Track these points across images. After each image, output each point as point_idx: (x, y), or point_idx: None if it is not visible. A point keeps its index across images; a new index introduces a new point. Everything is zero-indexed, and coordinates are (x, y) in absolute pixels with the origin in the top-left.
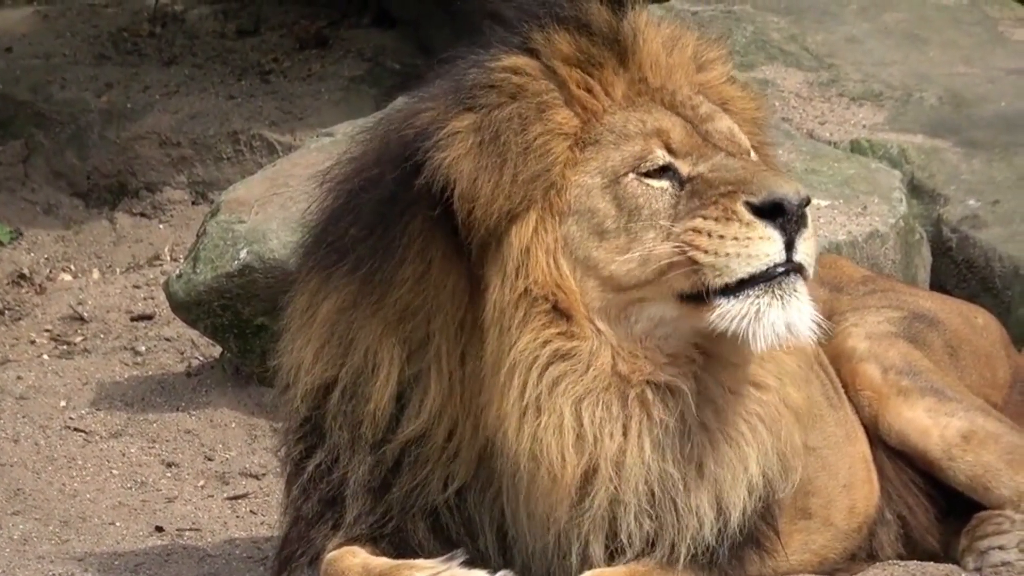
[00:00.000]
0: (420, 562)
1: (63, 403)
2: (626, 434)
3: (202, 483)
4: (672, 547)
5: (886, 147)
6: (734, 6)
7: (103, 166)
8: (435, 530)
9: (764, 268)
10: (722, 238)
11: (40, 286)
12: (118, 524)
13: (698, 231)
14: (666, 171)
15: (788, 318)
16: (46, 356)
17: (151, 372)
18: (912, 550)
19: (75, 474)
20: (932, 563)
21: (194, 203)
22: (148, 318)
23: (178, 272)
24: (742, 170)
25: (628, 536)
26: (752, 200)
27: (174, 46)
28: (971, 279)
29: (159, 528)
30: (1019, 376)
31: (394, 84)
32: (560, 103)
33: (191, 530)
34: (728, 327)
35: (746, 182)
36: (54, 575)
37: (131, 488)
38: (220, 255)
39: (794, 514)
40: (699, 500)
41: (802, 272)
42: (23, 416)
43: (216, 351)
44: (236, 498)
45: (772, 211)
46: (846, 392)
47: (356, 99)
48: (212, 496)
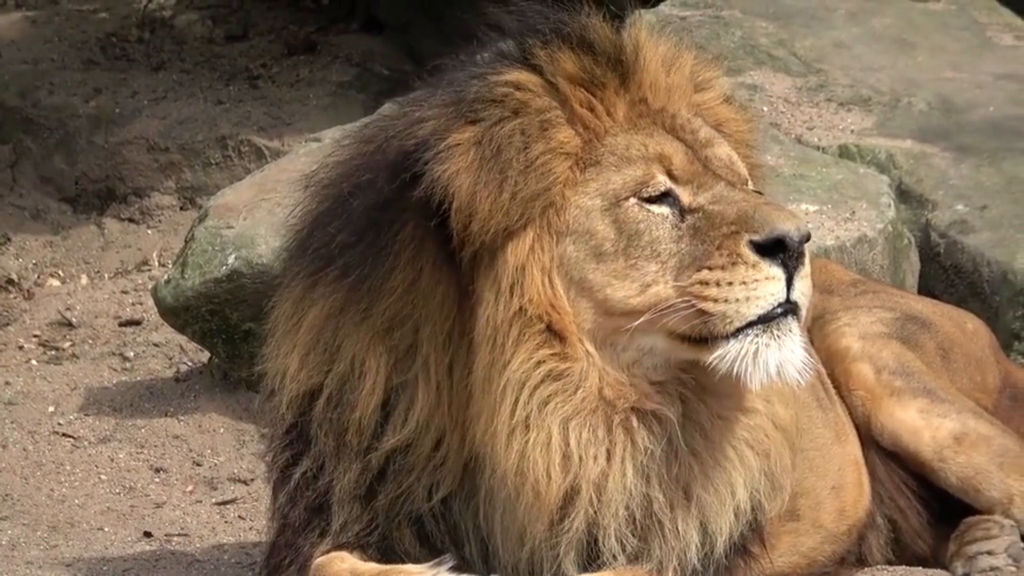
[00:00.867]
0: (408, 568)
1: (51, 408)
2: (609, 459)
3: (190, 488)
4: (660, 565)
5: (874, 152)
6: (722, 11)
7: (91, 171)
8: (421, 538)
9: (768, 309)
10: (730, 284)
11: (28, 291)
12: (106, 529)
13: (705, 283)
14: (667, 197)
15: (782, 358)
16: (34, 361)
17: (139, 377)
18: (902, 555)
19: (63, 479)
20: (920, 568)
21: (182, 208)
22: (136, 323)
23: (166, 277)
24: (744, 203)
25: (611, 556)
26: (755, 238)
27: (162, 51)
28: (959, 284)
29: (147, 533)
30: (1008, 381)
31: (382, 89)
32: (563, 122)
33: (179, 535)
34: (726, 367)
35: (748, 219)
36: None
37: (119, 493)
38: (208, 260)
39: (782, 516)
40: (686, 524)
41: (797, 312)
42: (11, 421)
43: (204, 356)
44: (224, 503)
45: (775, 248)
46: (839, 392)
47: (344, 104)
48: (200, 501)
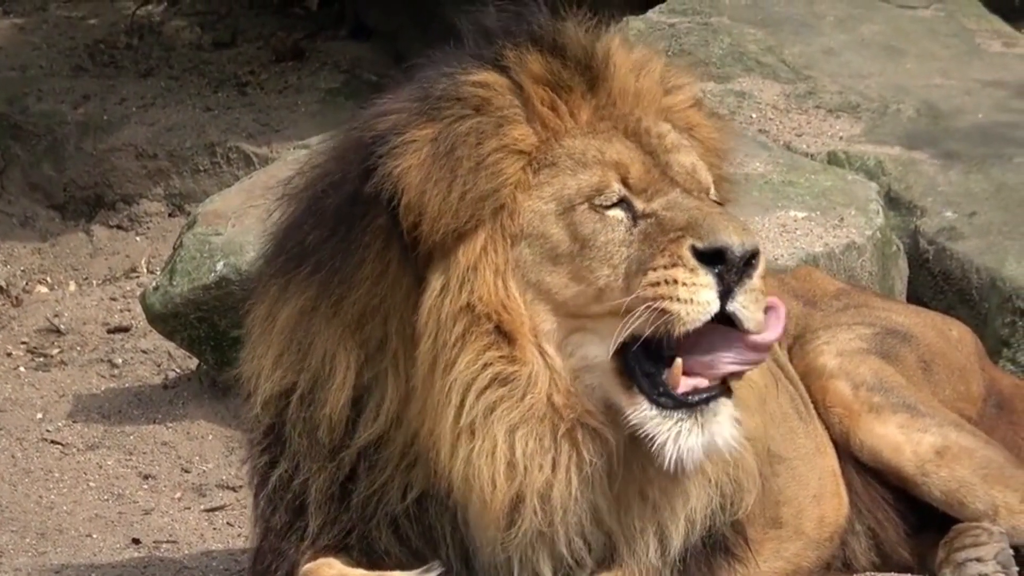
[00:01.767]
0: (396, 574)
1: (40, 415)
2: (555, 468)
3: (179, 495)
4: (625, 571)
5: (863, 159)
6: (711, 18)
7: (80, 178)
8: (400, 539)
9: (702, 319)
10: (675, 283)
11: (16, 298)
12: (95, 536)
13: (655, 283)
14: (620, 200)
15: (706, 446)
16: (23, 368)
17: (128, 384)
18: (885, 563)
19: (52, 486)
20: (909, 575)
21: (171, 215)
22: (125, 330)
23: (155, 284)
24: (695, 211)
25: (575, 562)
26: (697, 244)
27: (151, 58)
28: (948, 291)
29: (136, 540)
30: (993, 389)
31: (371, 96)
32: (520, 119)
33: (168, 542)
34: (644, 435)
35: (695, 225)
36: None
37: (108, 500)
38: (197, 267)
39: (765, 523)
40: (643, 528)
41: (727, 395)
42: (0, 429)
43: (193, 363)
44: (213, 510)
45: (714, 257)
46: (816, 409)
47: (333, 111)
48: (189, 508)
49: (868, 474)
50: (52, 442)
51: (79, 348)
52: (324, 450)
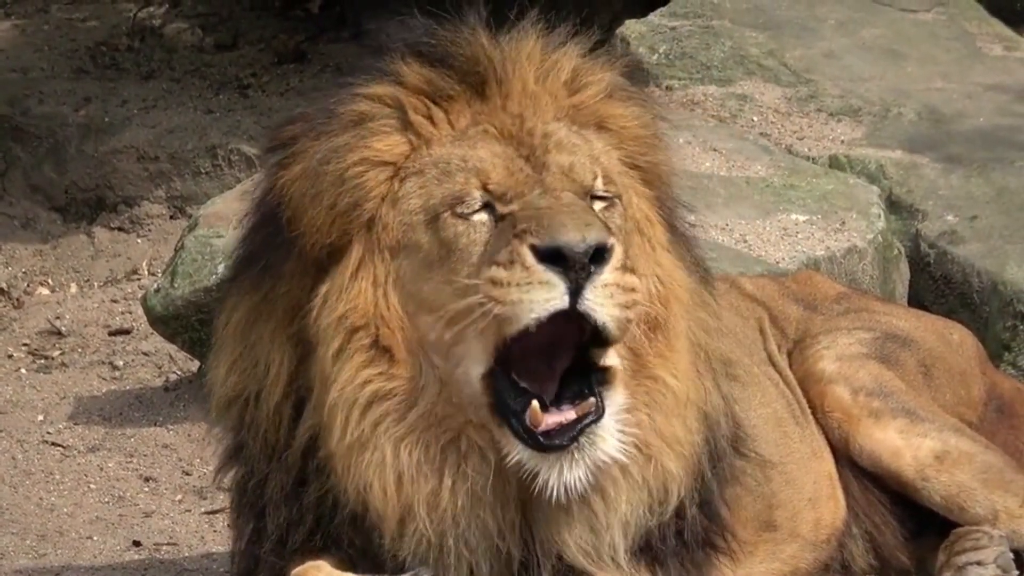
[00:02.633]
0: None
1: (40, 417)
2: (441, 478)
3: (180, 498)
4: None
5: (864, 163)
6: (712, 21)
7: (81, 180)
8: (361, 541)
9: (545, 314)
10: (509, 284)
11: (18, 300)
12: (95, 539)
13: (493, 281)
14: (483, 205)
15: (592, 470)
16: (24, 370)
17: (129, 386)
18: (884, 563)
19: (52, 488)
20: None
21: (172, 217)
22: (126, 332)
23: (156, 286)
24: (546, 209)
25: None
26: (535, 243)
27: (152, 60)
28: (949, 295)
29: (136, 543)
30: (994, 393)
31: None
32: (390, 129)
33: (168, 544)
34: (526, 470)
35: (537, 223)
36: None
37: (109, 502)
38: (198, 269)
39: (759, 526)
40: (574, 539)
41: (605, 371)
42: (0, 430)
43: (194, 366)
44: (214, 512)
45: (554, 256)
46: (814, 414)
47: None
48: (190, 511)
49: (866, 478)
50: (53, 444)
51: (80, 350)
52: (273, 451)
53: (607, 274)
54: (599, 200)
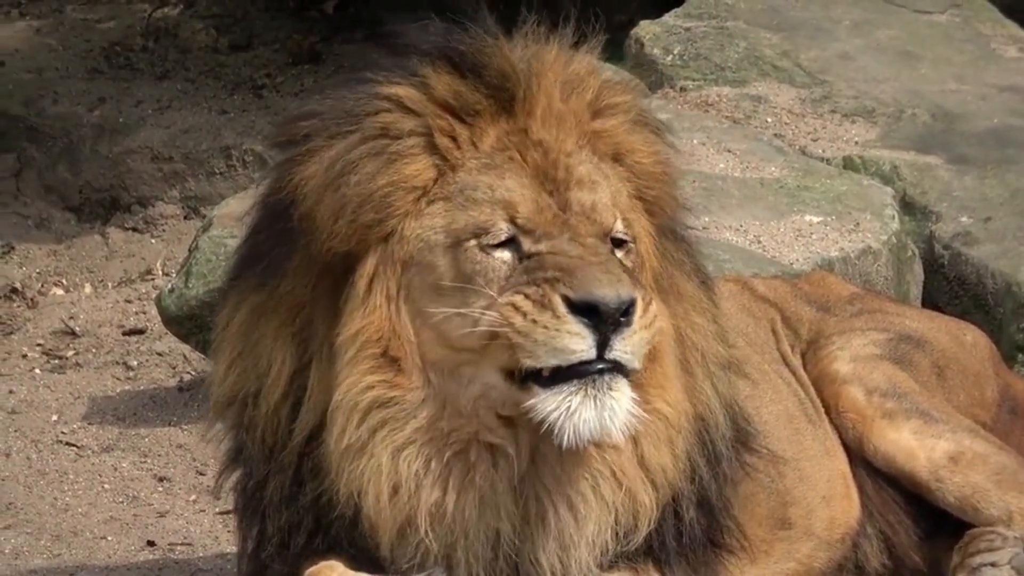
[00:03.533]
0: None
1: (55, 417)
2: (446, 490)
3: (194, 498)
4: None
5: (878, 164)
6: (727, 22)
7: (95, 180)
8: (360, 542)
9: (574, 363)
10: (535, 323)
11: (32, 300)
12: (110, 538)
13: (516, 308)
14: (509, 240)
15: (599, 417)
16: (38, 370)
17: (143, 386)
18: (898, 563)
19: (67, 488)
20: None
21: (186, 218)
22: (140, 332)
23: (170, 287)
24: (578, 259)
25: None
26: (569, 294)
27: (167, 61)
28: (963, 296)
29: (151, 543)
30: (1007, 394)
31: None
32: (418, 151)
33: (183, 544)
34: (541, 418)
35: (571, 275)
36: None
37: (123, 502)
38: (212, 270)
39: (773, 524)
40: (547, 553)
41: (623, 371)
42: (15, 430)
43: (208, 366)
44: (228, 513)
45: (587, 311)
46: (828, 415)
47: None
48: (204, 511)
49: (880, 478)
50: (67, 444)
51: (94, 350)
52: (271, 452)
53: (635, 323)
54: (617, 244)
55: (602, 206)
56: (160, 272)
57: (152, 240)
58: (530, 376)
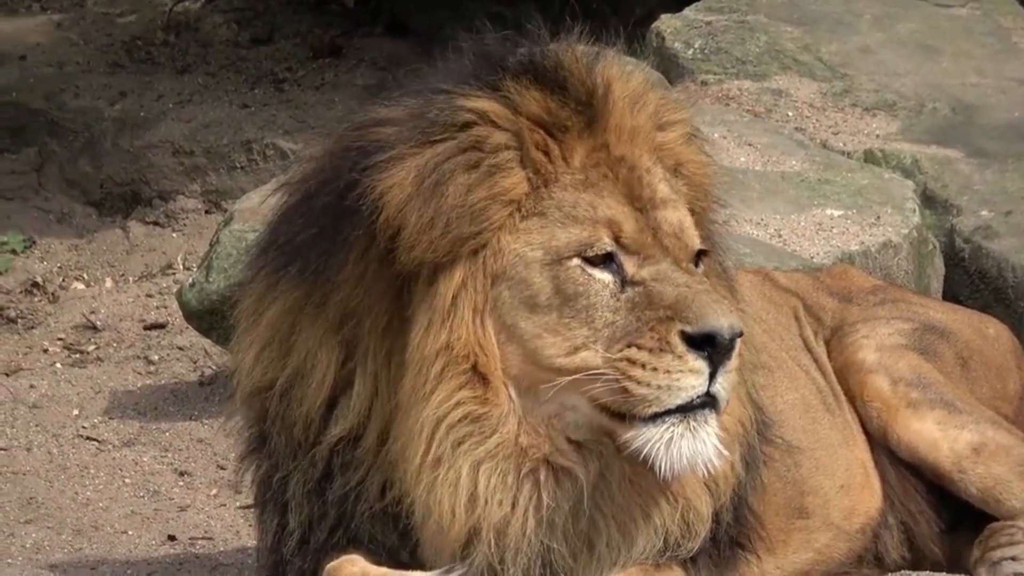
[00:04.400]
0: (419, 574)
1: (76, 412)
2: (514, 506)
3: (215, 492)
4: None
5: (899, 157)
6: (747, 16)
7: (116, 175)
8: (381, 537)
9: (687, 400)
10: (655, 370)
11: (53, 295)
12: (131, 533)
13: (632, 361)
14: (610, 261)
15: (694, 451)
16: (59, 365)
17: (164, 381)
18: (917, 559)
19: (88, 483)
20: (946, 574)
21: (207, 212)
22: (161, 327)
23: (191, 281)
24: (685, 288)
25: None
26: (687, 329)
27: (188, 55)
28: (984, 290)
29: (172, 537)
30: None
31: (375, 96)
32: (513, 165)
33: (204, 539)
34: (639, 448)
35: (684, 307)
36: None
37: (144, 497)
38: (233, 264)
39: (791, 513)
40: (589, 570)
41: (716, 406)
42: (36, 425)
43: (229, 357)
44: (249, 507)
45: (703, 341)
46: (853, 403)
47: None
48: (225, 505)
49: (903, 467)
50: (88, 438)
51: (115, 345)
52: (300, 448)
53: (735, 359)
54: (697, 259)
55: (687, 224)
56: (181, 266)
57: (173, 234)
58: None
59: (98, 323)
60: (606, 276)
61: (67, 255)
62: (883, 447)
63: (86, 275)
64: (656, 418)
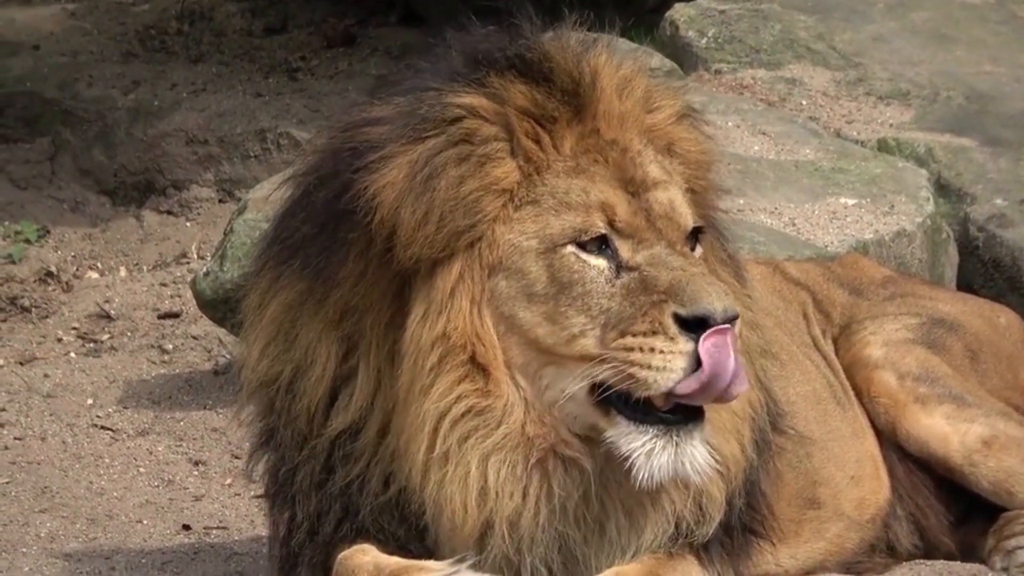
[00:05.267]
0: (430, 564)
1: (90, 401)
2: (524, 497)
3: (229, 481)
4: None
5: (913, 146)
6: (761, 4)
7: (130, 164)
8: (386, 529)
9: (682, 380)
10: (652, 350)
11: (67, 284)
12: (145, 522)
13: (629, 348)
14: (604, 246)
15: (676, 464)
16: (73, 354)
17: (178, 370)
18: (929, 546)
19: (102, 472)
20: (959, 563)
21: (221, 201)
22: (175, 316)
23: (205, 270)
24: (679, 272)
25: None
26: (679, 311)
27: (201, 44)
28: (998, 278)
29: (186, 526)
30: None
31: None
32: (504, 155)
33: (218, 528)
34: (619, 452)
35: (679, 290)
36: (81, 573)
37: (158, 486)
38: (247, 253)
39: (802, 504)
40: (597, 560)
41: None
42: (50, 414)
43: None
44: (262, 497)
45: (697, 324)
46: (860, 400)
47: None
48: (239, 494)
49: (911, 462)
50: (102, 428)
51: (129, 334)
52: (304, 440)
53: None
54: (693, 236)
55: (679, 202)
56: (195, 255)
57: (187, 223)
58: (612, 399)
59: (112, 312)
60: (600, 262)
61: (81, 244)
62: (892, 443)
63: (100, 264)
64: (643, 418)
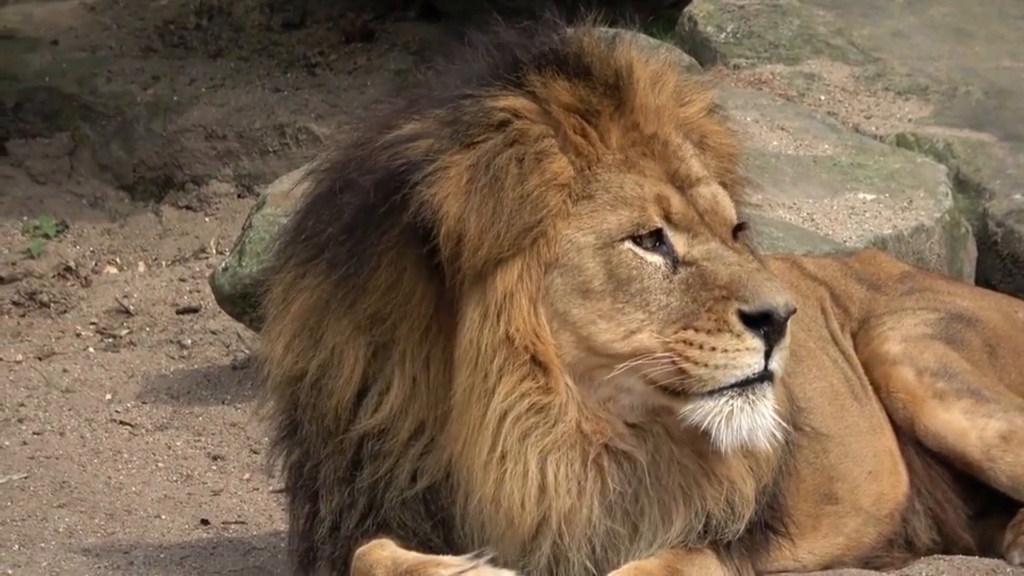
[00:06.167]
0: (447, 559)
1: (109, 396)
2: (580, 493)
3: (247, 476)
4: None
5: (932, 141)
6: (780, 0)
7: (149, 159)
8: (411, 525)
9: (744, 378)
10: (713, 350)
11: (86, 279)
12: (164, 517)
13: (689, 343)
14: (660, 242)
15: (753, 424)
16: (92, 349)
17: (197, 365)
18: (947, 541)
19: (121, 467)
20: (977, 558)
21: (240, 196)
22: (194, 311)
23: (224, 265)
24: (738, 267)
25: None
26: (744, 308)
27: (220, 39)
28: (1016, 273)
29: (205, 521)
30: None
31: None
32: (556, 150)
33: (237, 523)
34: (699, 422)
35: (740, 286)
36: (100, 568)
37: (177, 481)
38: (266, 248)
39: (819, 499)
40: (626, 555)
41: (772, 379)
42: (69, 409)
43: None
44: (281, 491)
45: (760, 320)
46: (878, 395)
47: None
48: (258, 489)
49: (929, 457)
50: (121, 423)
51: (148, 329)
52: (331, 436)
53: (787, 336)
54: (737, 230)
55: (721, 196)
56: (214, 250)
57: (206, 218)
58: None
59: (131, 307)
60: (657, 259)
61: (100, 239)
62: (910, 438)
63: (119, 259)
64: (714, 393)
